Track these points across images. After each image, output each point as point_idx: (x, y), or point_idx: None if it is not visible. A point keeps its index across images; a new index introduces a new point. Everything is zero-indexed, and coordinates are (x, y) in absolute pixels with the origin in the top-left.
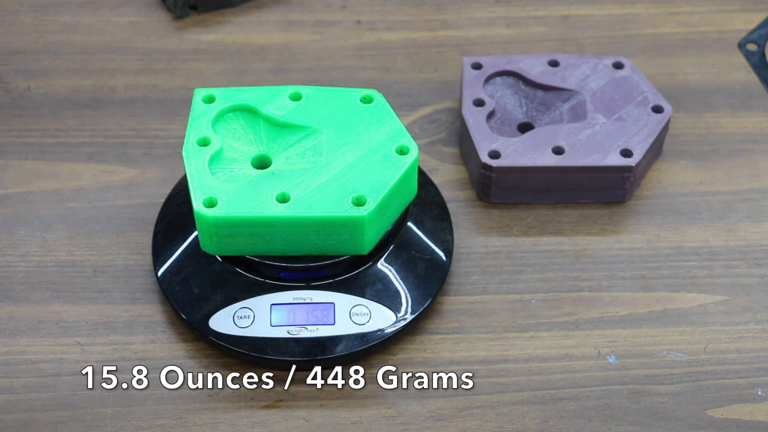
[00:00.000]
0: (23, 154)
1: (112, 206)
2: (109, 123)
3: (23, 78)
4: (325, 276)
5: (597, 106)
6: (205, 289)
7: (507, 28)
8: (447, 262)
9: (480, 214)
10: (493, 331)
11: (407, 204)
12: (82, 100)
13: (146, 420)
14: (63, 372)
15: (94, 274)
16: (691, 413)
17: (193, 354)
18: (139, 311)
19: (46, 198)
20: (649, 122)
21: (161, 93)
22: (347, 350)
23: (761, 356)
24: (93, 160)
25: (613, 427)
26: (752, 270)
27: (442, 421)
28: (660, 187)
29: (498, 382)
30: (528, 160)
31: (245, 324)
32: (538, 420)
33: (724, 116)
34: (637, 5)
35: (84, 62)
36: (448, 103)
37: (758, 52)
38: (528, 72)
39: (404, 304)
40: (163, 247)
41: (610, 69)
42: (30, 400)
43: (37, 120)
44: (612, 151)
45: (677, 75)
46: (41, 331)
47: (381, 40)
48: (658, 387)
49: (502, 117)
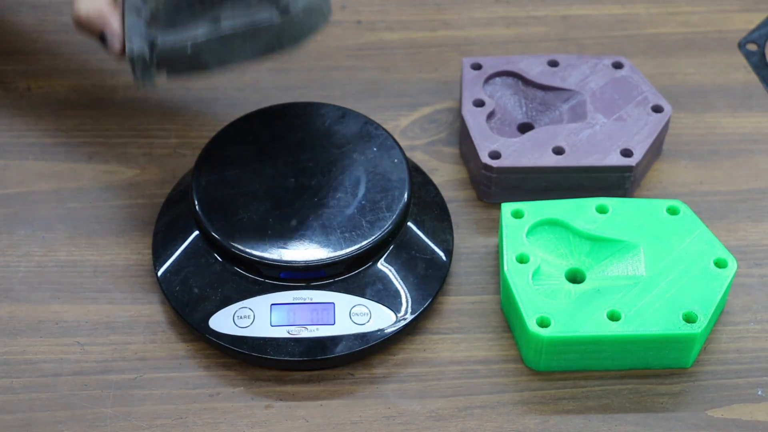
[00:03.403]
0: (23, 154)
1: (112, 206)
2: (109, 123)
3: (23, 78)
4: (325, 276)
5: (597, 106)
6: (205, 289)
7: (507, 28)
8: (447, 262)
9: (480, 214)
10: (493, 331)
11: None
12: (82, 100)
13: (146, 420)
14: (63, 372)
15: (94, 274)
16: (691, 413)
17: (193, 354)
18: (139, 311)
19: (46, 198)
20: (649, 122)
21: (161, 93)
22: (347, 350)
23: (761, 356)
24: (93, 160)
25: (613, 427)
26: (752, 270)
27: (442, 421)
28: (660, 187)
29: (498, 382)
30: (528, 161)
31: (245, 324)
32: (538, 420)
33: (724, 116)
34: (637, 5)
35: (84, 62)
36: (448, 103)
37: (758, 52)
38: (528, 72)
39: (404, 304)
40: (163, 247)
41: (610, 69)
42: (30, 400)
43: (37, 120)
44: (612, 151)
45: (677, 75)
46: (41, 331)
47: (381, 40)
48: (658, 387)
49: (502, 117)
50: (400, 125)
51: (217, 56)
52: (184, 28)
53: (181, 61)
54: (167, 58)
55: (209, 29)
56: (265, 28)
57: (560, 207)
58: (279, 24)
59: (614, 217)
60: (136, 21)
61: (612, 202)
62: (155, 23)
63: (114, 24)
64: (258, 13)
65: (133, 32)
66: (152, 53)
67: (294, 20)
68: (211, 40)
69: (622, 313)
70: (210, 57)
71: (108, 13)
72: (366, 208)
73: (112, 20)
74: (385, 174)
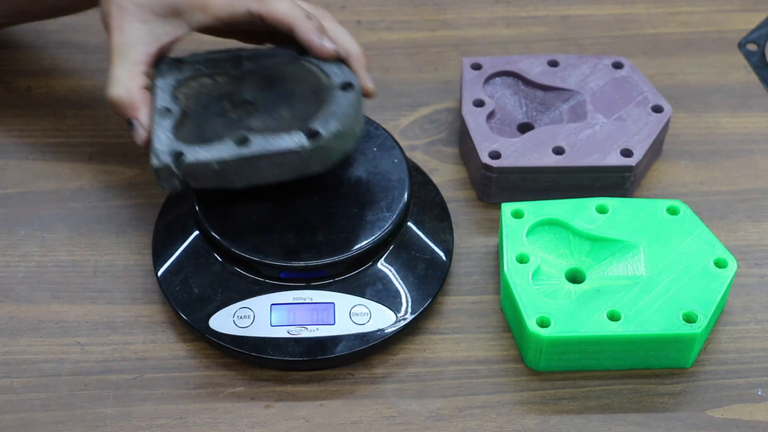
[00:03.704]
0: (23, 154)
1: (112, 206)
2: (109, 123)
3: (23, 78)
4: (325, 276)
5: (597, 106)
6: (205, 289)
7: (507, 28)
8: (447, 262)
9: (480, 214)
10: (493, 331)
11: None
12: (82, 100)
13: (146, 420)
14: (63, 372)
15: (94, 274)
16: (691, 413)
17: (193, 354)
18: (139, 311)
19: (46, 198)
20: (649, 122)
21: None
22: (347, 350)
23: (761, 356)
24: (93, 160)
25: (613, 427)
26: (752, 270)
27: (442, 421)
28: (660, 187)
29: (498, 382)
30: (528, 161)
31: (245, 324)
32: (538, 420)
33: (724, 116)
34: (637, 5)
35: (84, 62)
36: (448, 103)
37: (758, 52)
38: (528, 72)
39: (404, 304)
40: (163, 247)
41: (610, 69)
42: (30, 400)
43: (37, 120)
44: (612, 151)
45: (677, 75)
46: (41, 331)
47: (381, 40)
48: (658, 387)
49: (502, 117)
50: (400, 125)
51: (243, 176)
52: (211, 144)
53: (206, 177)
54: (193, 172)
55: (237, 150)
56: (294, 153)
57: (560, 207)
58: (309, 149)
59: (614, 217)
60: (164, 129)
61: (612, 202)
62: (183, 130)
63: (142, 115)
64: (287, 138)
65: (160, 142)
66: (178, 166)
67: (324, 145)
68: (239, 160)
69: (622, 313)
70: (236, 176)
71: (138, 101)
72: (366, 208)
73: (141, 110)
74: (385, 174)
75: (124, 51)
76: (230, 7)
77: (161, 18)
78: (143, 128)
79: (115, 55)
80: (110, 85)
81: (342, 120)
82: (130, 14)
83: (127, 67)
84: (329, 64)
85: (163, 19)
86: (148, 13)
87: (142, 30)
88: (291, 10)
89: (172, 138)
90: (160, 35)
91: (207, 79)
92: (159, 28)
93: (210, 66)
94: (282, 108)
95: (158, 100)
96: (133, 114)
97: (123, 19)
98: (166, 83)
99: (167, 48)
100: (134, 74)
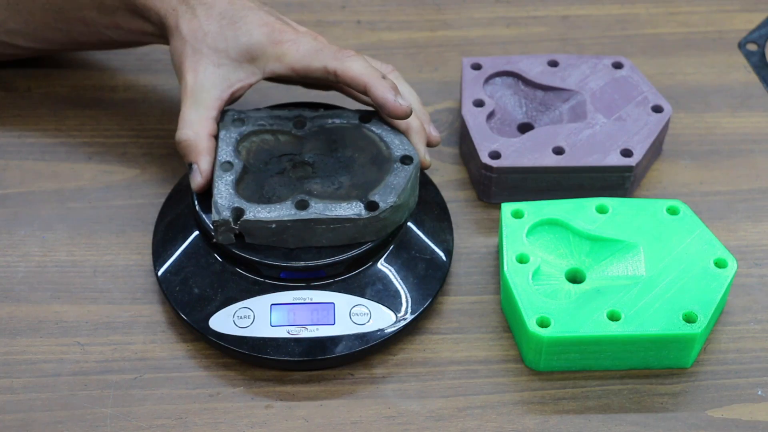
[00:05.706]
0: (23, 154)
1: (112, 206)
2: (109, 123)
3: (23, 78)
4: (325, 276)
5: (597, 106)
6: (205, 289)
7: (507, 28)
8: (447, 262)
9: (480, 214)
10: (493, 331)
11: (718, 316)
12: (82, 100)
13: (146, 420)
14: (63, 372)
15: (94, 274)
16: (691, 413)
17: (193, 354)
18: (139, 311)
19: (46, 198)
20: (649, 122)
21: (161, 93)
22: (347, 350)
23: (761, 356)
24: (93, 160)
25: (613, 427)
26: (752, 270)
27: (442, 421)
28: (660, 187)
29: (498, 382)
30: (528, 161)
31: (245, 324)
32: (538, 420)
33: (724, 116)
34: (637, 5)
35: (84, 62)
36: (448, 103)
37: (758, 52)
38: (528, 72)
39: (404, 304)
40: (163, 247)
41: (610, 69)
42: (30, 400)
43: (37, 120)
44: (612, 151)
45: (677, 75)
46: (41, 331)
47: (381, 40)
48: (658, 387)
49: (502, 117)
50: None
51: (298, 237)
52: (270, 203)
53: (262, 235)
54: (250, 229)
55: (296, 213)
56: (351, 221)
57: (560, 207)
58: (365, 219)
59: (614, 217)
60: (225, 183)
61: (612, 202)
62: (243, 185)
63: (204, 162)
64: (346, 207)
65: (221, 197)
66: (236, 222)
67: (380, 216)
68: (296, 222)
69: (622, 313)
70: (291, 237)
71: (204, 148)
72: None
73: (204, 157)
74: None
75: (197, 95)
76: (307, 61)
77: (236, 63)
78: (201, 175)
79: (188, 97)
80: (181, 127)
81: (400, 194)
82: (205, 57)
83: (201, 112)
84: (390, 135)
85: (237, 65)
86: (224, 57)
87: (216, 74)
88: (367, 69)
89: (232, 193)
90: (233, 81)
91: (269, 136)
92: (232, 73)
93: (273, 123)
94: (342, 174)
95: (221, 152)
96: (196, 159)
97: (197, 62)
98: (229, 135)
99: (238, 94)
100: (205, 119)
